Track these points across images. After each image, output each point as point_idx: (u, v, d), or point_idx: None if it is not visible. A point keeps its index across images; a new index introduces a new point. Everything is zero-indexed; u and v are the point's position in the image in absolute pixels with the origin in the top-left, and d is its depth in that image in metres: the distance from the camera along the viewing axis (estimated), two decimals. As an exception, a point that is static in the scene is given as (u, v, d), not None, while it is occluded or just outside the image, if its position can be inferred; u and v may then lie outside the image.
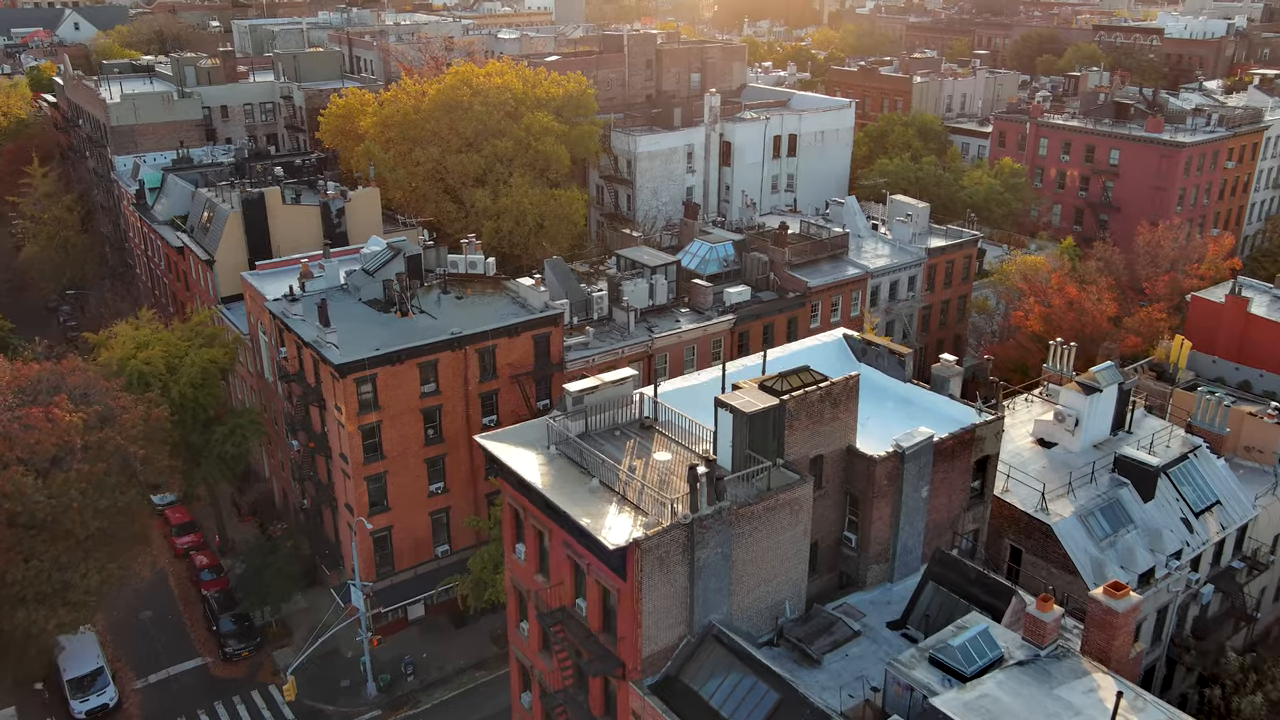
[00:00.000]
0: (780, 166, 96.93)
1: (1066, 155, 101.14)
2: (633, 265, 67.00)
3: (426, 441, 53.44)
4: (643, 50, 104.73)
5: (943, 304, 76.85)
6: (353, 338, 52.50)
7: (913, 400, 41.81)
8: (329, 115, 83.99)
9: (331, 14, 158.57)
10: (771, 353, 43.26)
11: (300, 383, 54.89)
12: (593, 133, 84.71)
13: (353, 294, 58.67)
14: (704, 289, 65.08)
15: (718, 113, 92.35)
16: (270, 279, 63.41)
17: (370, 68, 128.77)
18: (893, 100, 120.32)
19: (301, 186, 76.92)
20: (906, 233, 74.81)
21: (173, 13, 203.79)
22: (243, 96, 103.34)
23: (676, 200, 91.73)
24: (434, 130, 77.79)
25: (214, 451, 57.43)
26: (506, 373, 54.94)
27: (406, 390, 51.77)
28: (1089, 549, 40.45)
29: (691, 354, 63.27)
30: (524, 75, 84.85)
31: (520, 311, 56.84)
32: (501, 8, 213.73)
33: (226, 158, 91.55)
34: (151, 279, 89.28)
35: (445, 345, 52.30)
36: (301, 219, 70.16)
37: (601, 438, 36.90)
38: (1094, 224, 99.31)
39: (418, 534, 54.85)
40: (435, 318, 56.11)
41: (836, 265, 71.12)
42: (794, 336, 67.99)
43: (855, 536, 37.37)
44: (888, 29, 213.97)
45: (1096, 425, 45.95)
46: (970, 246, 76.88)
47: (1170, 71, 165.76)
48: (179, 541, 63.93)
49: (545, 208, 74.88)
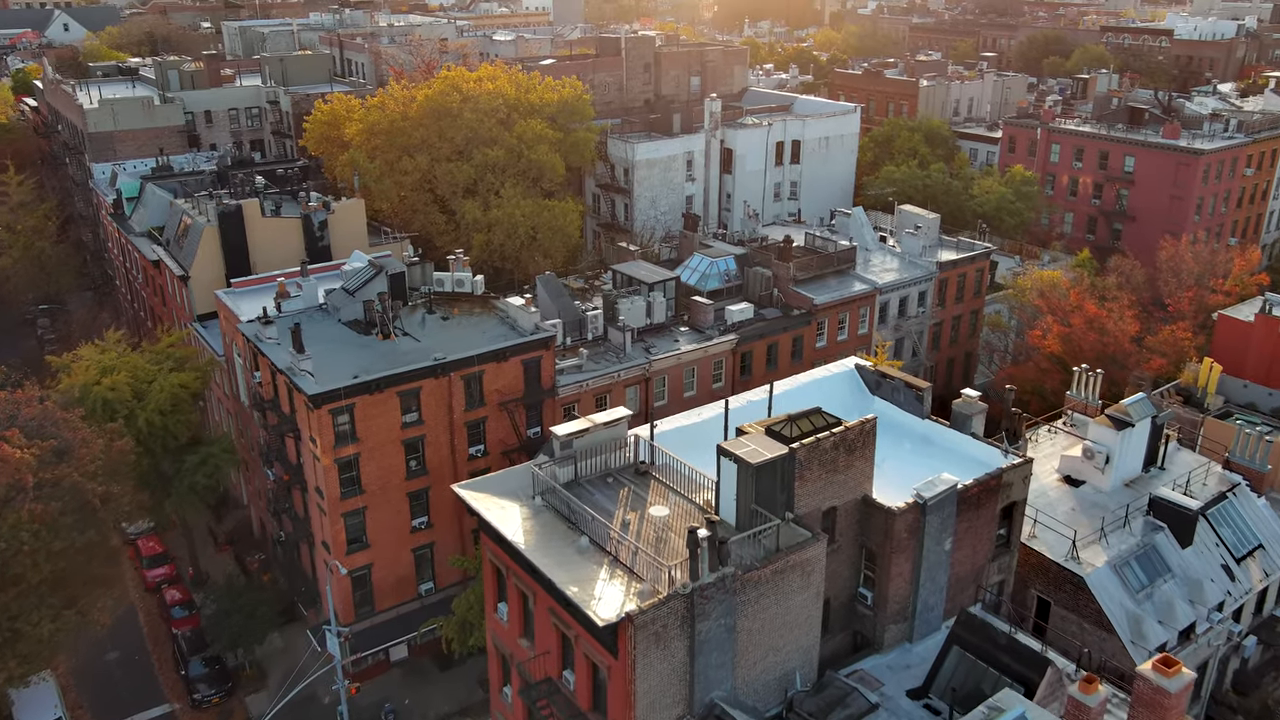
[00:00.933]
0: (783, 174, 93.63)
1: (1079, 162, 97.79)
2: (629, 282, 63.67)
3: (408, 474, 50.09)
4: (641, 53, 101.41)
5: (954, 320, 73.51)
6: (330, 363, 49.15)
7: (932, 439, 38.45)
8: (314, 121, 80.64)
9: (323, 15, 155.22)
10: (779, 384, 39.95)
11: (275, 410, 51.54)
12: (588, 140, 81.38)
13: (332, 314, 55.31)
14: (704, 307, 61.75)
15: (718, 118, 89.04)
16: (247, 297, 60.05)
17: (361, 71, 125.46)
18: (898, 104, 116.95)
19: (284, 197, 73.62)
20: (916, 245, 71.45)
21: (164, 14, 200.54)
22: (227, 101, 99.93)
23: (676, 209, 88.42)
24: (422, 138, 74.46)
25: (184, 482, 54.06)
26: (494, 400, 51.59)
27: (386, 420, 48.41)
28: (1125, 603, 37.11)
29: (691, 376, 59.94)
30: (517, 80, 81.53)
31: (509, 334, 53.50)
32: (498, 8, 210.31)
33: (208, 166, 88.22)
34: (131, 292, 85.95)
35: (428, 372, 48.93)
36: (282, 233, 66.76)
37: (592, 485, 33.57)
38: (1107, 233, 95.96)
39: (400, 572, 51.50)
40: (419, 340, 52.74)
41: (843, 280, 67.76)
42: (799, 356, 64.73)
43: (871, 594, 34.03)
44: (890, 30, 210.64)
45: (1128, 462, 42.62)
46: (983, 260, 73.53)
47: (1180, 73, 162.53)
48: (150, 574, 60.57)
49: (538, 219, 71.53)
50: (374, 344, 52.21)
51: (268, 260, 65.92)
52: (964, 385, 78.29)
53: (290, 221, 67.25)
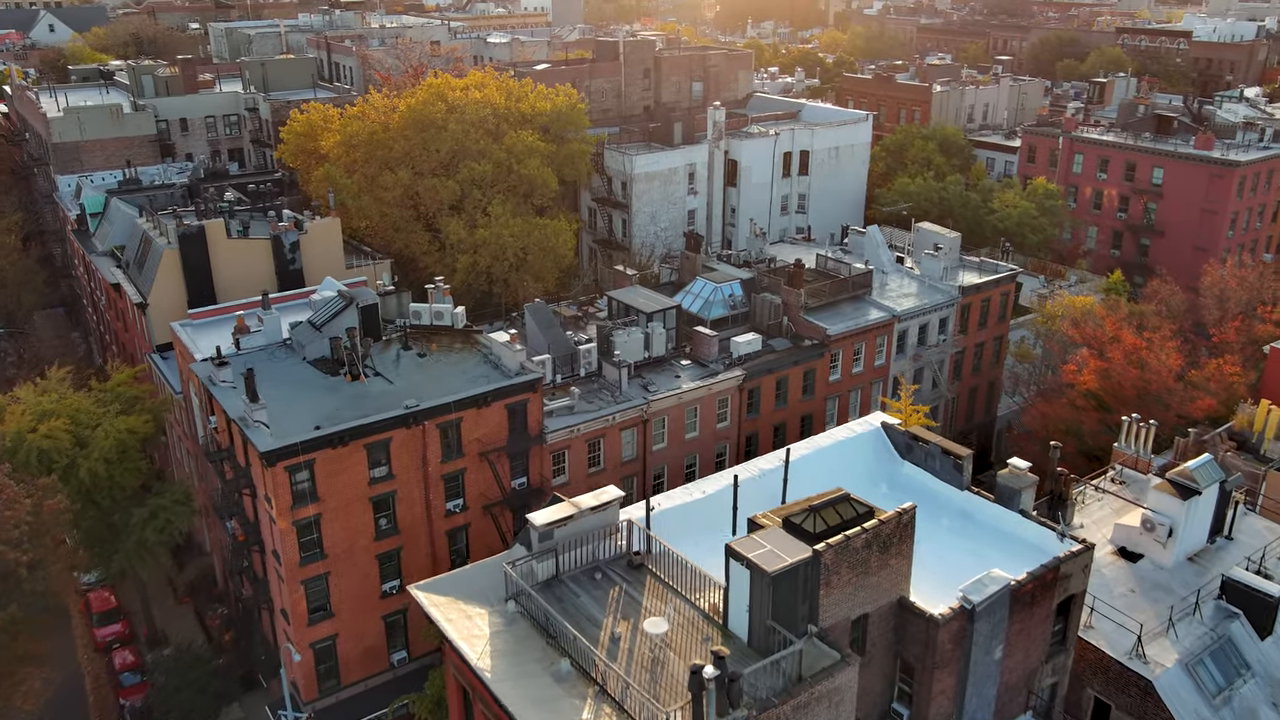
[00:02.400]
0: (791, 186, 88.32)
1: (1104, 173, 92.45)
2: (626, 310, 58.39)
3: (378, 534, 44.83)
4: (640, 57, 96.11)
5: (977, 347, 68.21)
6: (290, 411, 43.92)
7: (973, 516, 33.15)
8: (290, 132, 75.34)
9: (313, 16, 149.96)
10: (795, 447, 34.71)
11: (231, 462, 46.31)
12: (583, 153, 76.10)
13: (297, 351, 50.03)
14: (708, 339, 56.47)
15: (722, 128, 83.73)
16: (208, 329, 55.01)
17: (349, 75, 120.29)
18: (910, 110, 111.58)
19: (256, 214, 68.36)
20: (936, 268, 66.11)
21: (152, 15, 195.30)
22: (204, 108, 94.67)
23: (677, 225, 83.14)
24: (404, 151, 69.18)
25: (132, 537, 48.78)
26: (475, 449, 46.33)
27: (352, 476, 43.15)
28: (1200, 710, 31.83)
29: (694, 416, 54.66)
30: (507, 88, 76.24)
31: (492, 374, 48.24)
32: (495, 9, 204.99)
33: (180, 178, 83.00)
34: (96, 314, 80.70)
35: (399, 422, 43.67)
36: (249, 255, 61.50)
37: (577, 584, 28.31)
38: (1134, 248, 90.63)
39: (368, 641, 46.24)
40: (392, 382, 47.48)
41: (858, 307, 62.47)
42: (810, 392, 59.48)
43: (908, 711, 28.74)
44: (897, 31, 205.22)
45: (1193, 534, 37.35)
46: (1008, 283, 68.21)
47: (1199, 76, 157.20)
48: (101, 633, 55.35)
49: (528, 239, 66.24)
50: (342, 386, 46.97)
51: (235, 285, 60.72)
52: (986, 416, 73.18)
53: (259, 243, 61.98)
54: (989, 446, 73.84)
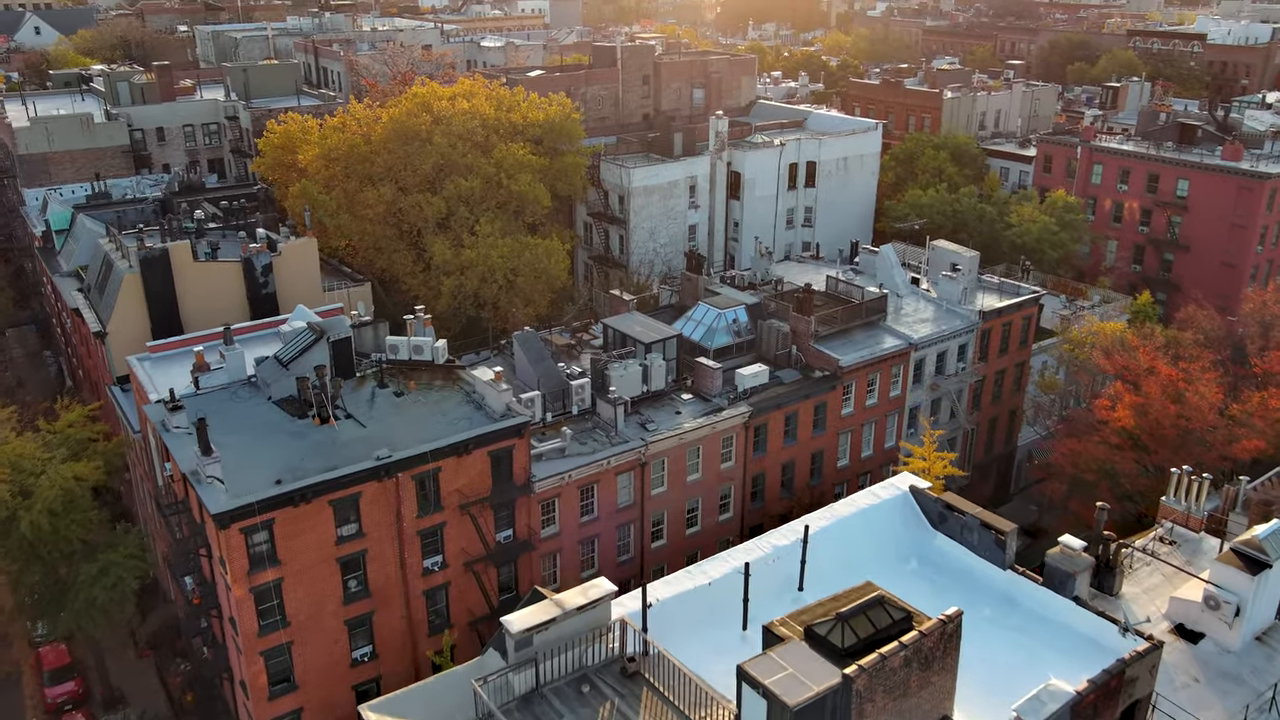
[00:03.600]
0: (797, 199, 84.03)
1: (1124, 184, 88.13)
2: (623, 340, 54.16)
3: (347, 598, 40.54)
4: (639, 64, 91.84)
5: (997, 374, 63.94)
6: (249, 461, 39.66)
7: (1019, 602, 28.87)
8: (267, 144, 71.03)
9: (302, 19, 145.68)
10: (814, 519, 30.45)
11: (186, 516, 42.02)
12: (578, 166, 71.84)
13: (263, 390, 45.74)
14: (711, 371, 52.22)
15: (724, 138, 79.45)
16: (170, 364, 50.66)
17: (337, 81, 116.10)
18: (919, 117, 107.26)
19: (229, 233, 64.14)
20: (955, 290, 61.84)
21: (140, 18, 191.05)
22: (181, 117, 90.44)
23: (677, 240, 78.87)
24: (386, 165, 64.91)
25: (80, 596, 44.47)
26: (455, 501, 42.05)
27: (317, 536, 38.88)
28: (1284, 831, 27.53)
29: (696, 456, 50.38)
30: (498, 96, 71.96)
31: (475, 415, 43.96)
32: (491, 10, 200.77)
33: (154, 191, 78.78)
34: (64, 337, 76.41)
35: (370, 474, 39.38)
36: (218, 280, 57.19)
37: (561, 699, 24.02)
38: (1157, 263, 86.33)
39: (338, 713, 41.83)
40: (365, 425, 43.20)
41: (872, 334, 58.20)
42: (821, 427, 55.20)
43: None
44: (902, 33, 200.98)
45: (1262, 612, 33.00)
46: (1030, 306, 63.96)
47: (1213, 80, 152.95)
48: (52, 693, 51.01)
49: (519, 259, 61.94)
50: (309, 431, 42.67)
51: (202, 313, 56.41)
52: (1006, 446, 68.89)
53: (228, 267, 57.67)
54: (1008, 477, 69.61)
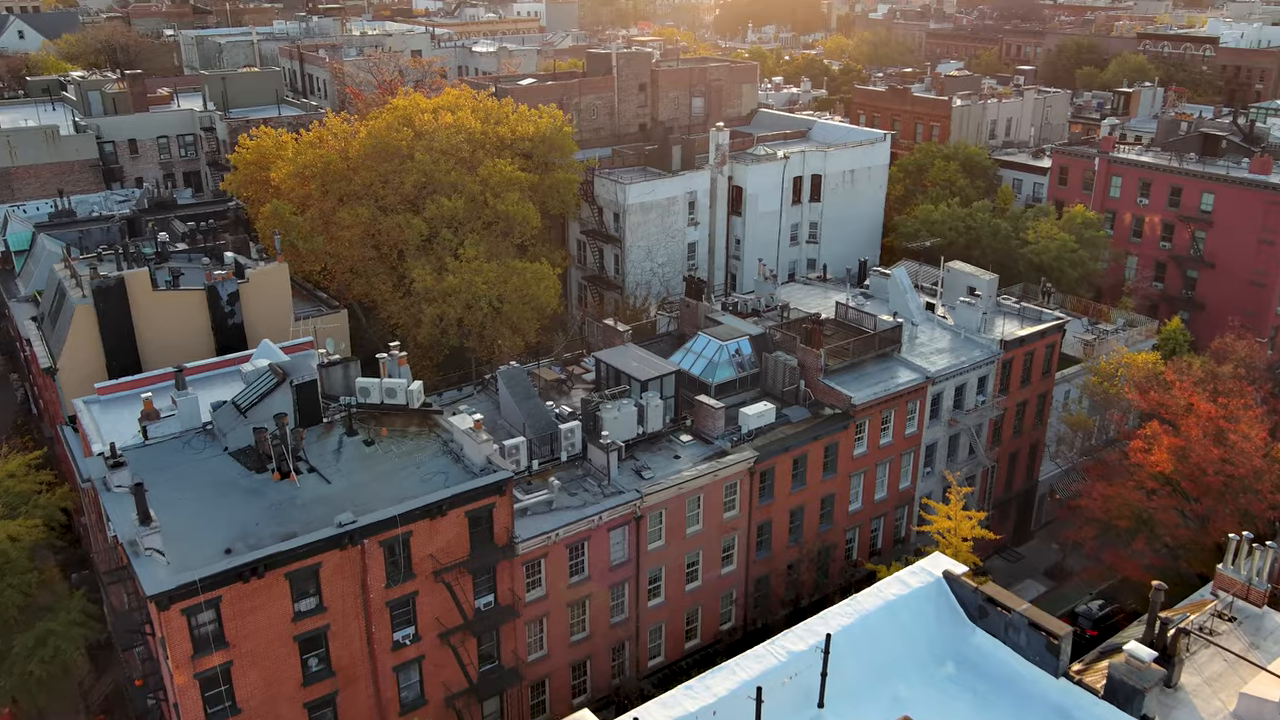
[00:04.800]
0: (801, 214, 79.80)
1: (1145, 198, 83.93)
2: (616, 377, 49.94)
3: (306, 679, 36.31)
4: (635, 71, 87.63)
5: (1018, 406, 59.73)
6: (196, 526, 35.48)
7: (1075, 719, 24.60)
8: (239, 159, 66.77)
9: (289, 23, 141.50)
10: (834, 618, 26.22)
11: (129, 585, 37.75)
12: (570, 183, 67.65)
13: (220, 438, 41.52)
14: (713, 411, 48.02)
15: (725, 151, 75.24)
16: (123, 406, 46.64)
17: (323, 89, 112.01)
18: (927, 126, 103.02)
19: (196, 256, 59.90)
20: (974, 317, 57.62)
21: (126, 21, 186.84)
22: (155, 128, 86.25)
23: (675, 260, 74.64)
24: (365, 183, 60.68)
25: (16, 669, 40.22)
26: (428, 568, 37.84)
27: (271, 613, 34.65)
28: None
29: (697, 507, 46.16)
30: (485, 108, 67.72)
31: (453, 468, 39.77)
32: (485, 14, 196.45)
33: (122, 208, 74.52)
34: (26, 364, 72.02)
35: (331, 543, 35.15)
36: (180, 310, 52.90)
37: None
38: (1180, 281, 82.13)
39: (299, 805, 37.73)
40: (329, 481, 39.01)
41: (886, 367, 53.97)
42: (832, 469, 50.99)
43: None
44: (905, 37, 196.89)
45: (1348, 712, 28.77)
46: (1055, 333, 59.74)
47: (1226, 85, 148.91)
48: (-8, 767, 46.74)
49: (505, 285, 57.71)
50: (267, 488, 38.48)
51: (162, 347, 52.21)
52: (1027, 482, 64.69)
53: (191, 296, 53.34)
54: (1029, 514, 65.39)
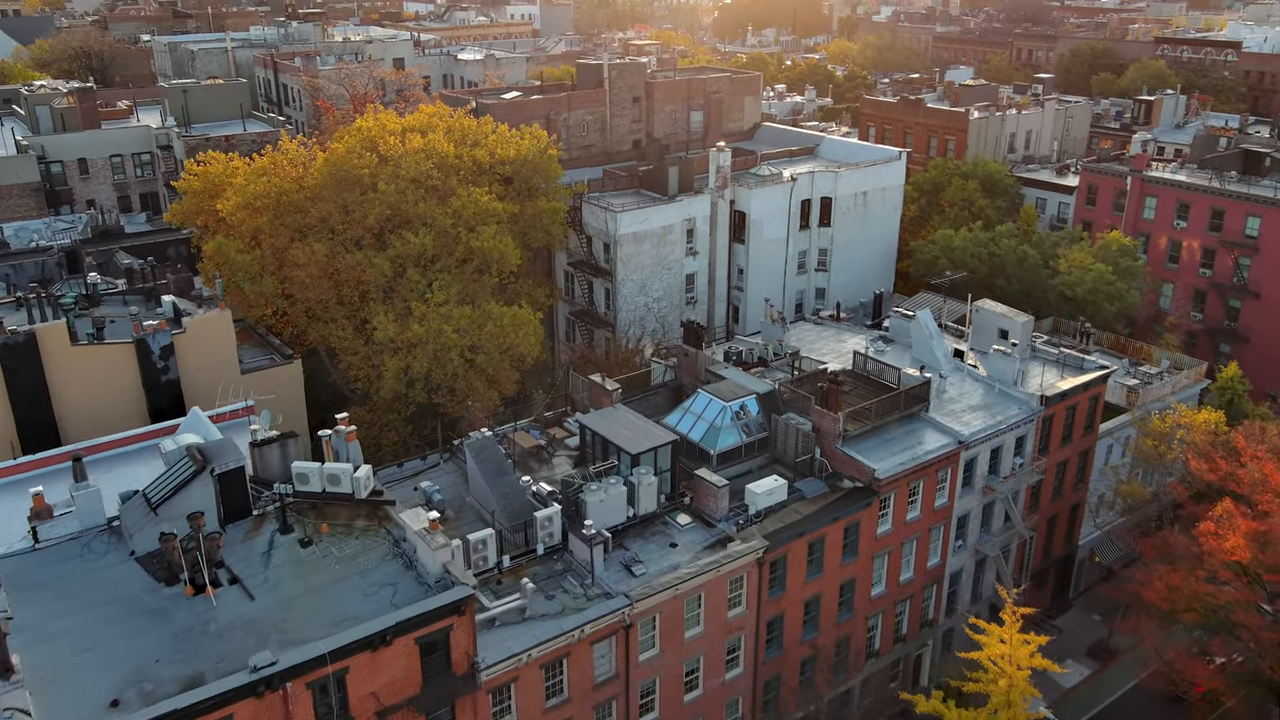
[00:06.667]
0: (810, 240, 73.11)
1: (1182, 220, 77.31)
2: (604, 448, 43.20)
3: None
4: (628, 83, 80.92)
5: (1058, 467, 53.02)
6: (81, 665, 28.73)
7: None
8: (185, 187, 59.92)
9: (267, 29, 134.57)
10: None
11: (5, 729, 30.99)
12: (555, 212, 60.89)
13: (126, 539, 34.73)
14: (715, 490, 41.26)
15: (727, 173, 68.49)
16: (19, 492, 39.64)
17: (298, 100, 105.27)
18: (942, 139, 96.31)
19: (133, 299, 53.23)
20: (1009, 369, 50.87)
21: (103, 26, 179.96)
22: (108, 146, 79.36)
23: (672, 293, 67.89)
24: (322, 216, 53.91)
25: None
26: (369, 709, 31.04)
27: (168, 782, 27.89)
28: None
29: (697, 607, 39.43)
30: (461, 128, 60.91)
31: (403, 578, 33.03)
32: (476, 18, 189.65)
33: (65, 237, 67.74)
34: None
35: (245, 691, 28.37)
36: (105, 368, 46.17)
37: None
38: (1221, 311, 75.54)
39: None
40: (254, 597, 32.24)
41: (912, 429, 47.23)
42: (853, 552, 44.31)
43: None
44: (911, 40, 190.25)
45: None
46: (1099, 384, 53.06)
47: (1249, 92, 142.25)
48: None
49: (480, 333, 50.92)
50: (176, 607, 31.71)
51: (85, 412, 45.68)
52: (1066, 547, 58.00)
53: (117, 351, 46.57)
54: (1067, 581, 58.72)
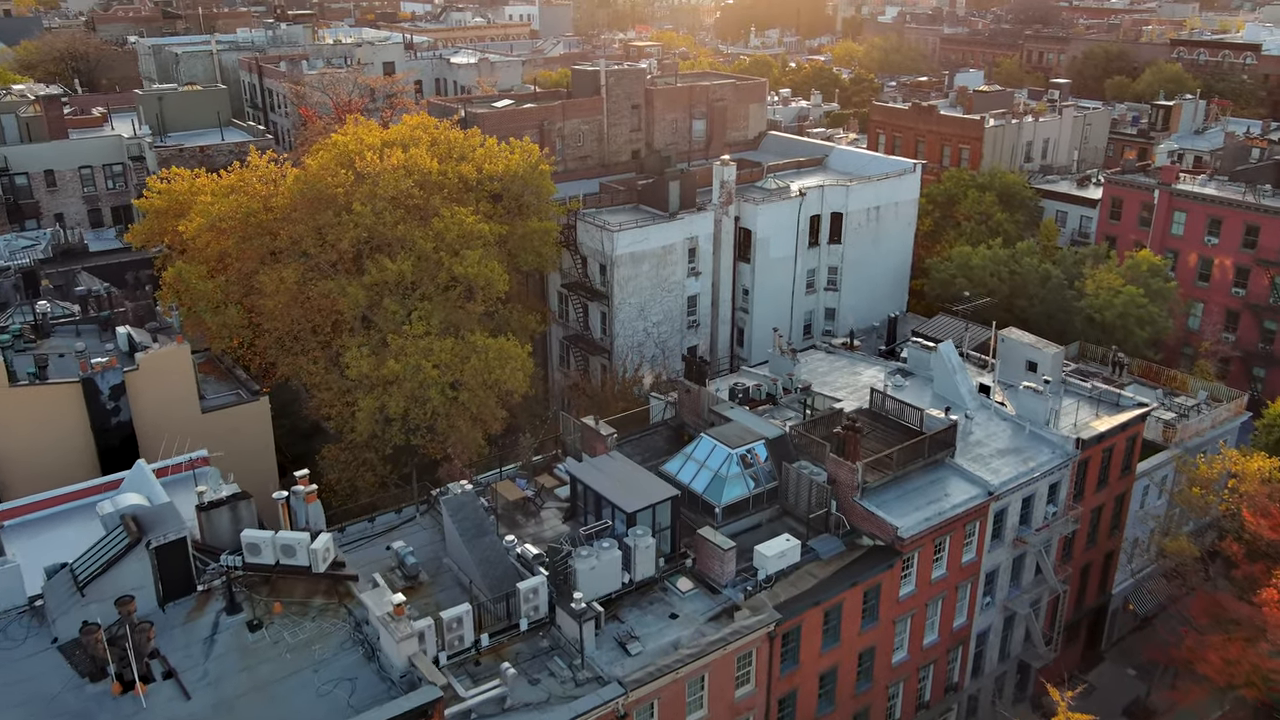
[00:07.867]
0: (819, 258, 68.78)
1: (1214, 236, 72.99)
2: (597, 504, 38.90)
3: None
4: (627, 91, 76.57)
5: (1093, 513, 48.67)
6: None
7: None
8: (146, 207, 55.61)
9: (254, 31, 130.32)
10: None
11: None
12: (547, 232, 56.58)
13: (50, 623, 30.44)
14: (721, 554, 36.97)
15: (731, 189, 64.17)
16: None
17: (284, 106, 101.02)
18: (955, 148, 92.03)
19: (88, 330, 49.07)
20: (1041, 408, 46.50)
21: (90, 27, 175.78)
22: (77, 157, 75.11)
23: (673, 316, 63.57)
24: (292, 238, 49.64)
25: None
26: (321, 832, 26.81)
27: None
28: None
29: (700, 689, 35.11)
30: (447, 141, 56.65)
31: (363, 671, 28.76)
32: (473, 19, 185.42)
33: (25, 257, 63.59)
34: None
35: (167, 825, 24.15)
36: (48, 411, 42.00)
37: None
38: (1255, 333, 71.20)
39: None
40: (189, 696, 27.96)
41: (936, 478, 42.88)
42: (873, 618, 40.01)
43: None
44: (918, 42, 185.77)
45: None
46: (1138, 424, 48.72)
47: (1269, 96, 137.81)
48: None
49: (463, 367, 46.62)
50: (100, 708, 27.49)
51: (26, 461, 41.55)
52: (1099, 597, 53.72)
53: (61, 392, 42.40)
54: (1100, 632, 54.39)
